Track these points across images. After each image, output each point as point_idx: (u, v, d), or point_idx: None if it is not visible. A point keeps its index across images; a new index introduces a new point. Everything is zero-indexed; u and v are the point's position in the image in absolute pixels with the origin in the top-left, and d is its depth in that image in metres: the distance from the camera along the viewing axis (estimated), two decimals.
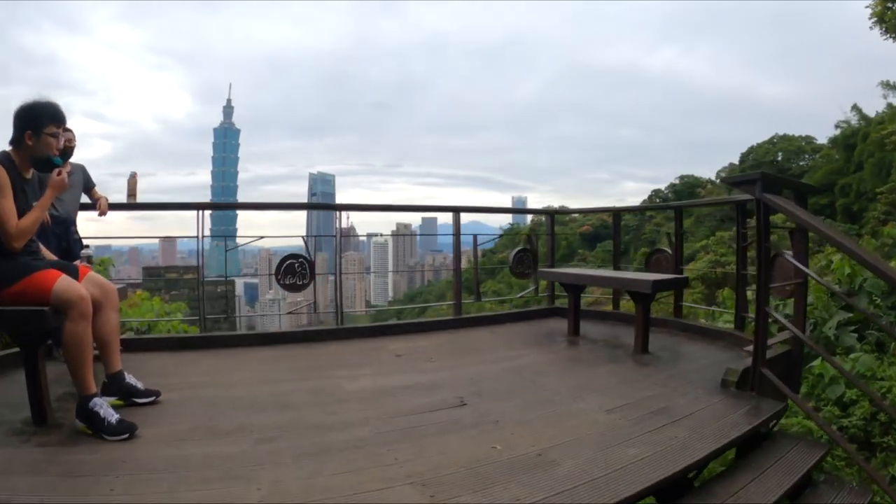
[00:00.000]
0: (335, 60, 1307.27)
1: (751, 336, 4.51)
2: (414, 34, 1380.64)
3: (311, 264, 6.70)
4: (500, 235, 32.87)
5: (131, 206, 6.12)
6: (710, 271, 20.73)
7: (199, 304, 6.37)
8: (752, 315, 4.70)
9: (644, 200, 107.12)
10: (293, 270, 6.54)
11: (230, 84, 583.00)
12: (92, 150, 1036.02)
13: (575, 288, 6.15)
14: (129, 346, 5.30)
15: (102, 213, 5.82)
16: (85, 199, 5.80)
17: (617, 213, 8.10)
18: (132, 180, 6.21)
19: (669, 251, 6.73)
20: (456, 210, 7.41)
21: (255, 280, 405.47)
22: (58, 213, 5.32)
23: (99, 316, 3.55)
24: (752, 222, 4.17)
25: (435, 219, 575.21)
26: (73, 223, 5.62)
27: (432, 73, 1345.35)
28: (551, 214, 8.74)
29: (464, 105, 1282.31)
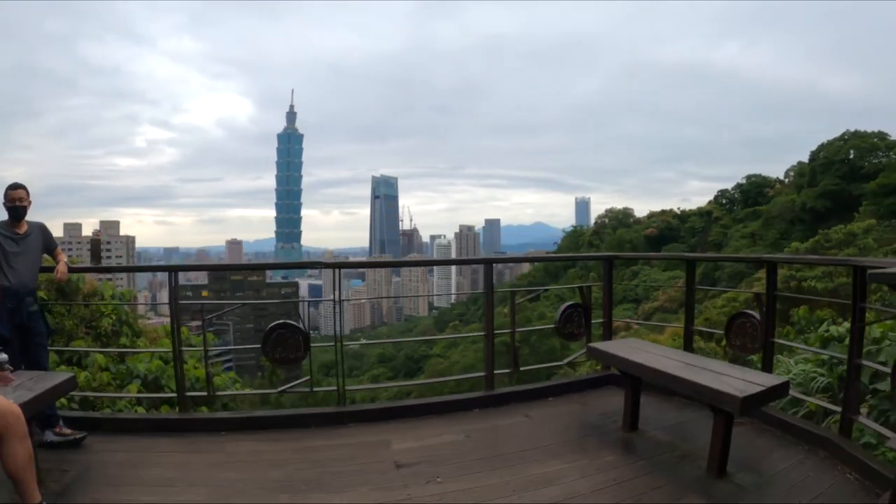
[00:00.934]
0: (395, 65, 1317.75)
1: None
2: (472, 37, 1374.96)
3: (306, 336, 6.29)
4: (545, 290, 32.54)
5: (97, 269, 5.28)
6: (814, 373, 18.00)
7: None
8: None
9: (709, 200, 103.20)
10: (284, 342, 5.55)
11: (292, 90, 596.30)
12: (160, 156, 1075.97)
13: (634, 379, 4.85)
14: (97, 427, 5.00)
15: (61, 280, 5.64)
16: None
17: (691, 261, 6.71)
18: (96, 241, 5.43)
19: (757, 317, 5.33)
20: (488, 262, 6.44)
21: (318, 281, 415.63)
22: (9, 284, 4.58)
23: (1, 449, 3.16)
24: None
25: (498, 220, 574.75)
26: (31, 293, 4.82)
27: (491, 74, 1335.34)
28: (609, 260, 7.27)
29: (524, 106, 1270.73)
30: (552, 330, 6.76)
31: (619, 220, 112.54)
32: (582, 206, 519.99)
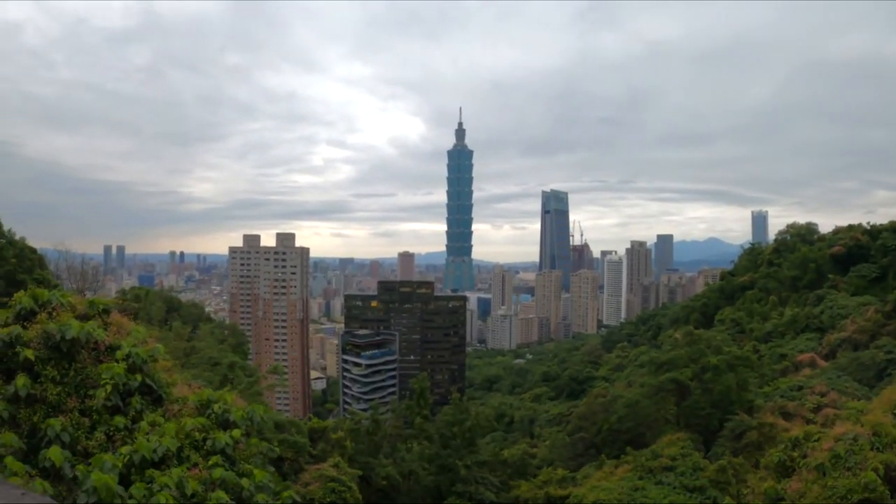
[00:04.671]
0: (560, 78, 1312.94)
1: None
2: (635, 44, 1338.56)
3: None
4: None
5: None
6: None
7: None
8: None
9: None
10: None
11: (460, 108, 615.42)
12: (336, 173, 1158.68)
13: None
14: None
15: None
16: None
17: None
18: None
19: None
20: None
21: (487, 295, 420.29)
22: None
23: None
24: None
25: (670, 236, 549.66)
26: None
27: (658, 82, 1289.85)
28: None
29: (693, 114, 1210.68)
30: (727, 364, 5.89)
31: (802, 236, 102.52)
32: (759, 221, 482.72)
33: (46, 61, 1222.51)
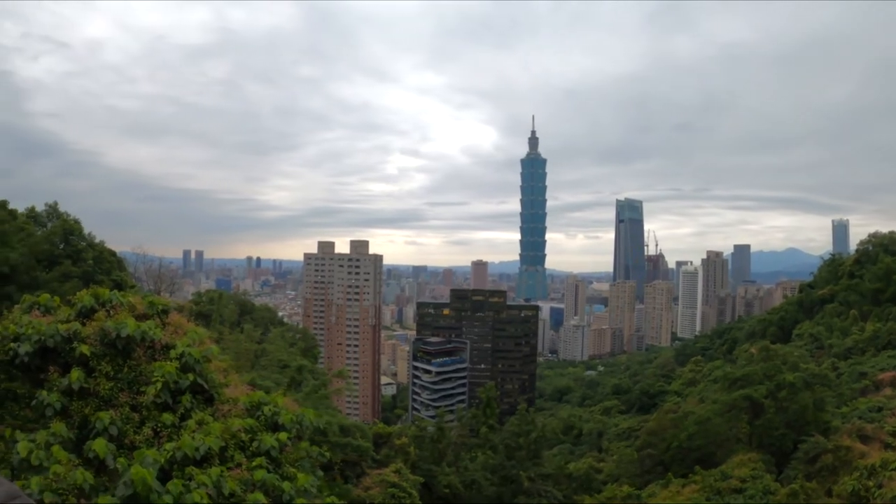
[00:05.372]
0: (633, 84, 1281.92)
1: None
2: (709, 48, 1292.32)
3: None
4: None
5: None
6: None
7: None
8: None
9: None
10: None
11: (532, 116, 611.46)
12: (410, 182, 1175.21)
13: None
14: None
15: None
16: None
17: None
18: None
19: None
20: None
21: (560, 304, 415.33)
22: None
23: None
24: None
25: (747, 246, 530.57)
26: None
27: (733, 86, 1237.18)
28: None
29: (770, 118, 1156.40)
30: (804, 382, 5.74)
31: (885, 246, 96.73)
32: (840, 230, 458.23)
33: (128, 76, 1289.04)
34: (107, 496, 6.32)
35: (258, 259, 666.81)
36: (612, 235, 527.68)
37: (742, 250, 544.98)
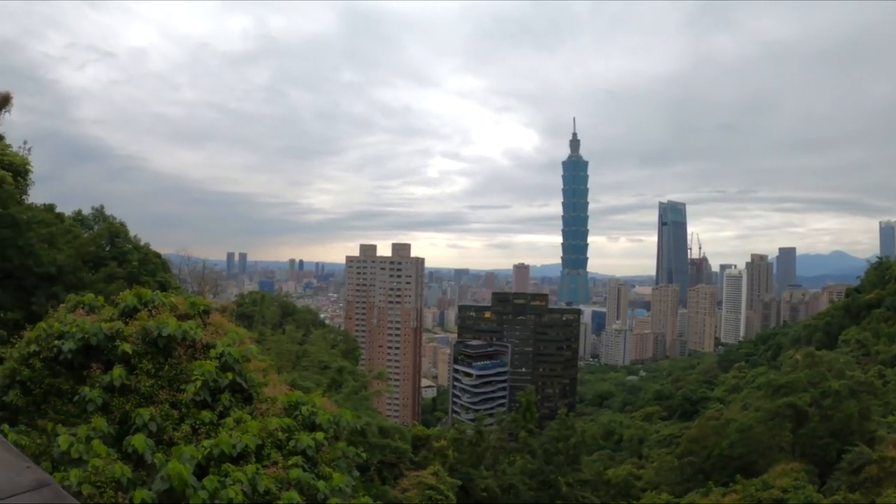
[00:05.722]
0: (675, 85, 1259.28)
1: None
2: (751, 46, 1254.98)
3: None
4: None
5: None
6: None
7: None
8: None
9: None
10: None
11: (573, 118, 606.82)
12: (452, 185, 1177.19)
13: None
14: None
15: None
16: None
17: None
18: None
19: None
20: None
21: (602, 308, 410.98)
22: None
23: None
24: None
25: (793, 249, 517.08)
26: None
27: (778, 85, 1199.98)
28: None
29: (816, 117, 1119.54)
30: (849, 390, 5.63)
31: None
32: (888, 233, 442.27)
33: (172, 83, 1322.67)
34: (143, 490, 6.44)
35: (301, 262, 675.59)
36: (654, 238, 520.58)
37: (787, 253, 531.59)
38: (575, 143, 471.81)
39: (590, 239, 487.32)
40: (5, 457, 4.19)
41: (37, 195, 24.99)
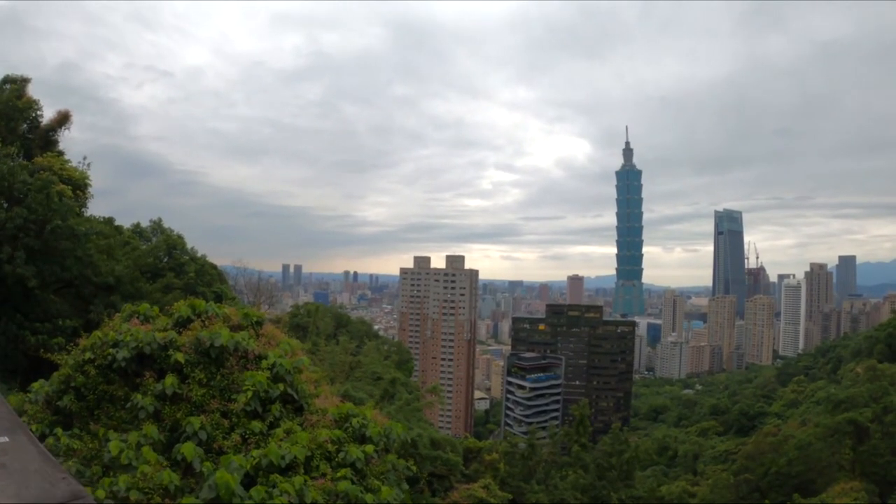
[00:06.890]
0: (728, 89, 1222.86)
1: None
2: (805, 46, 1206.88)
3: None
4: None
5: None
6: None
7: None
8: None
9: None
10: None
11: (626, 127, 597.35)
12: (505, 197, 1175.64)
13: None
14: None
15: None
16: None
17: None
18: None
19: None
20: None
21: (658, 321, 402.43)
22: None
23: None
24: None
25: (853, 257, 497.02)
26: None
27: (835, 86, 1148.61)
28: None
29: (875, 118, 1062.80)
30: None
31: None
32: None
33: (228, 100, 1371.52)
34: (191, 497, 6.53)
35: (355, 273, 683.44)
36: (710, 248, 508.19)
37: (847, 262, 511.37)
38: (628, 152, 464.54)
39: (644, 249, 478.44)
40: (42, 467, 4.25)
41: (97, 208, 26.02)
